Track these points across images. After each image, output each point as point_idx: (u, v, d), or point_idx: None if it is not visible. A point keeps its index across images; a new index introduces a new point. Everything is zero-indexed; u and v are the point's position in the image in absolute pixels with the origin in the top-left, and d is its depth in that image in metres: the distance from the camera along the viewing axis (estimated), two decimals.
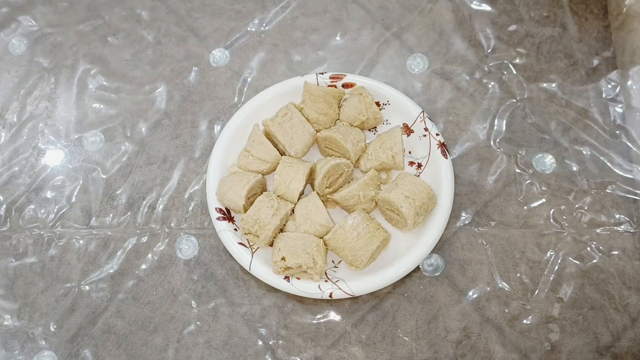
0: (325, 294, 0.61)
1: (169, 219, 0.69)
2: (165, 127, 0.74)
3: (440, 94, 0.73)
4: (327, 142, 0.67)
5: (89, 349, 0.64)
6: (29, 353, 0.64)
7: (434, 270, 0.65)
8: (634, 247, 0.64)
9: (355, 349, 0.62)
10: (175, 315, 0.65)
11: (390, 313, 0.63)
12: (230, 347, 0.63)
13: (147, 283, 0.66)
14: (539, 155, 0.69)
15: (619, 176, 0.67)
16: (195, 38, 0.79)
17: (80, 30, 0.80)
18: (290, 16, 0.79)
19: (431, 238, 0.63)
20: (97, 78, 0.78)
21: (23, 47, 0.80)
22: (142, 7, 0.81)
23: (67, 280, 0.67)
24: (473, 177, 0.68)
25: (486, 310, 0.63)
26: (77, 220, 0.70)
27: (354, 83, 0.70)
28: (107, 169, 0.72)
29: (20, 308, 0.66)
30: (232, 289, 0.65)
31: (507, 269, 0.64)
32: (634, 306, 0.62)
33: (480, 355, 0.61)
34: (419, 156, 0.68)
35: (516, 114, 0.71)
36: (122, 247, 0.68)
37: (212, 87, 0.76)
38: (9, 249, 0.69)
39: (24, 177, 0.73)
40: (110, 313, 0.65)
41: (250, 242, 0.65)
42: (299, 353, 0.62)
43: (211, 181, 0.67)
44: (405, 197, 0.61)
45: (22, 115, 0.76)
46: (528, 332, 0.62)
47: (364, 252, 0.61)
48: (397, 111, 0.70)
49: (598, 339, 0.61)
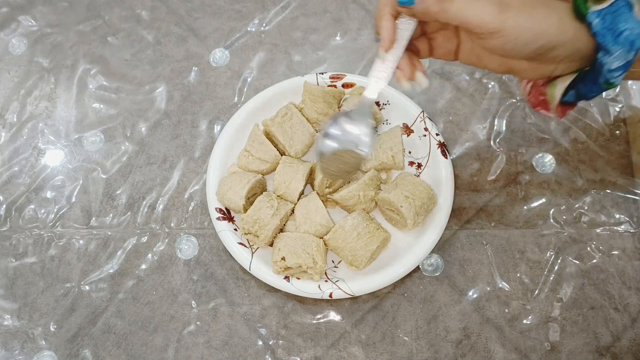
0: (325, 294, 0.61)
1: (169, 219, 0.69)
2: (165, 127, 0.74)
3: (440, 94, 0.73)
4: None
5: (89, 349, 0.64)
6: (29, 353, 0.64)
7: (434, 270, 0.65)
8: (634, 247, 0.64)
9: (355, 349, 0.62)
10: (175, 315, 0.65)
11: (390, 313, 0.63)
12: (230, 347, 0.63)
13: (147, 283, 0.66)
14: (539, 155, 0.69)
15: (619, 176, 0.67)
16: (195, 38, 0.79)
17: (80, 30, 0.80)
18: (290, 16, 0.79)
19: (431, 238, 0.63)
20: (97, 78, 0.78)
21: (23, 47, 0.80)
22: (142, 7, 0.81)
23: (67, 280, 0.67)
24: (473, 177, 0.68)
25: (486, 310, 0.63)
26: (77, 220, 0.70)
27: (354, 83, 0.70)
28: (107, 169, 0.72)
29: (20, 308, 0.66)
30: (232, 289, 0.65)
31: (507, 269, 0.64)
32: (634, 306, 0.62)
33: (480, 355, 0.61)
34: (419, 156, 0.68)
35: (516, 114, 0.71)
36: (122, 247, 0.68)
37: (212, 87, 0.76)
38: (9, 249, 0.69)
39: (24, 177, 0.73)
40: (110, 313, 0.65)
41: (250, 242, 0.65)
42: (299, 353, 0.62)
43: (211, 181, 0.67)
44: (405, 197, 0.61)
45: (22, 115, 0.76)
46: (528, 332, 0.62)
47: (364, 252, 0.61)
48: (397, 111, 0.70)
49: (598, 339, 0.61)
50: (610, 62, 0.44)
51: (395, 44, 0.49)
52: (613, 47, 0.43)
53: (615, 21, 0.43)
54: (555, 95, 0.50)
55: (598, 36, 0.44)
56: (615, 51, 0.43)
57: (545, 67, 0.48)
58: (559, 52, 0.46)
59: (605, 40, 0.43)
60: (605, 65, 0.45)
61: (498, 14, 0.44)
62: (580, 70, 0.48)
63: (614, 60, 0.44)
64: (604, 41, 0.44)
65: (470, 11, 0.44)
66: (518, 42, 0.45)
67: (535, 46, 0.45)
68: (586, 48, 0.46)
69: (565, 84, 0.49)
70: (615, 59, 0.44)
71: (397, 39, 0.49)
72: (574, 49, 0.46)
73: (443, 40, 0.52)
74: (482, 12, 0.44)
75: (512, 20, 0.44)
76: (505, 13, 0.44)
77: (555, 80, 0.50)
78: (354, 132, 0.54)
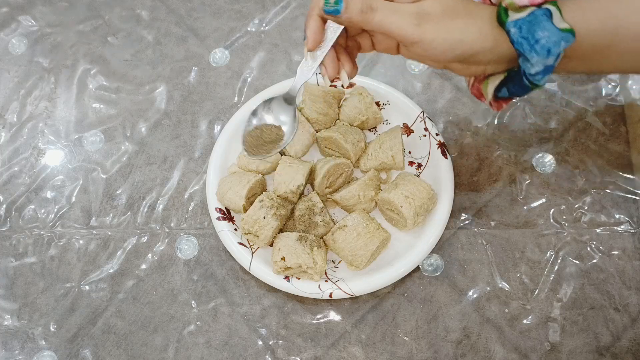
0: (325, 294, 0.61)
1: (169, 219, 0.69)
2: (165, 127, 0.74)
3: (440, 94, 0.73)
4: (327, 142, 0.67)
5: (89, 349, 0.64)
6: (29, 353, 0.64)
7: (434, 270, 0.65)
8: (634, 247, 0.64)
9: (355, 349, 0.62)
10: (175, 315, 0.65)
11: (390, 313, 0.63)
12: (230, 347, 0.63)
13: (147, 283, 0.66)
14: (539, 155, 0.69)
15: (619, 176, 0.67)
16: (195, 38, 0.79)
17: (80, 30, 0.80)
18: (290, 16, 0.79)
19: (431, 238, 0.63)
20: (97, 78, 0.78)
21: (23, 47, 0.80)
22: (142, 7, 0.81)
23: (67, 280, 0.67)
24: (473, 177, 0.69)
25: (486, 310, 0.63)
26: (77, 220, 0.70)
27: (354, 83, 0.70)
28: (107, 169, 0.72)
29: (20, 308, 0.66)
30: (232, 289, 0.65)
31: (507, 269, 0.64)
32: (634, 306, 0.62)
33: (480, 355, 0.61)
34: (419, 156, 0.68)
35: (516, 114, 0.71)
36: (122, 247, 0.68)
37: (212, 87, 0.76)
38: (9, 249, 0.69)
39: (24, 177, 0.73)
40: (110, 313, 0.65)
41: (250, 242, 0.65)
42: (299, 353, 0.62)
43: (211, 181, 0.67)
44: (405, 197, 0.61)
45: (22, 115, 0.76)
46: (528, 332, 0.62)
47: (364, 252, 0.61)
48: (397, 111, 0.70)
49: (598, 339, 0.61)
50: (530, 67, 0.46)
51: (323, 43, 0.52)
52: (530, 54, 0.45)
53: (531, 30, 0.45)
54: (488, 92, 0.52)
55: (515, 44, 0.46)
56: (533, 58, 0.45)
57: (475, 68, 0.50)
58: (480, 58, 0.48)
59: (522, 48, 0.45)
60: (526, 70, 0.47)
61: (416, 26, 0.46)
62: (511, 69, 0.50)
63: (532, 66, 0.46)
64: (522, 49, 0.45)
65: (391, 23, 0.47)
66: (437, 51, 0.47)
67: (453, 54, 0.47)
68: (509, 53, 0.48)
69: (495, 83, 0.51)
70: (533, 65, 0.46)
71: (324, 39, 0.51)
72: (496, 55, 0.48)
73: (383, 37, 0.54)
74: (402, 24, 0.46)
75: (429, 32, 0.46)
76: (423, 25, 0.46)
77: (488, 79, 0.52)
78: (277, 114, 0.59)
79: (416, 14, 0.46)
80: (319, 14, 0.50)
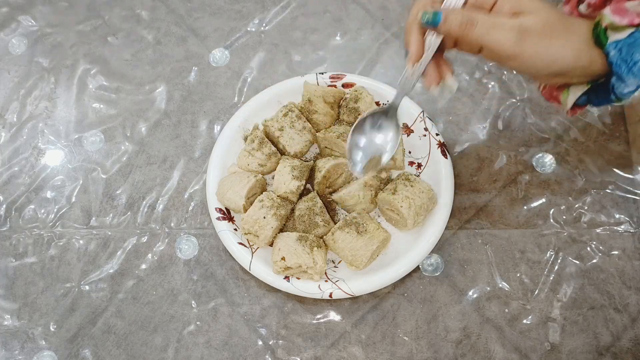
0: (325, 294, 0.61)
1: (169, 219, 0.69)
2: (165, 127, 0.74)
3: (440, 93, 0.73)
4: (327, 142, 0.67)
5: (89, 349, 0.64)
6: (29, 353, 0.64)
7: (434, 270, 0.65)
8: (634, 247, 0.64)
9: (355, 349, 0.62)
10: (175, 315, 0.65)
11: (390, 313, 0.63)
12: (230, 347, 0.63)
13: (147, 283, 0.66)
14: (539, 155, 0.69)
15: (619, 176, 0.67)
16: (195, 38, 0.79)
17: (80, 30, 0.80)
18: (290, 16, 0.79)
19: (431, 238, 0.63)
20: (97, 78, 0.78)
21: (23, 47, 0.80)
22: (142, 7, 0.81)
23: (67, 280, 0.67)
24: (473, 177, 0.68)
25: (486, 310, 0.63)
26: (77, 220, 0.70)
27: (354, 83, 0.70)
28: (107, 169, 0.72)
29: (20, 308, 0.66)
30: (232, 289, 0.65)
31: (507, 269, 0.64)
32: (634, 306, 0.62)
33: (480, 355, 0.61)
34: (419, 156, 0.68)
35: (516, 114, 0.71)
36: (122, 247, 0.68)
37: (212, 87, 0.76)
38: (9, 249, 0.69)
39: (24, 177, 0.73)
40: (110, 313, 0.65)
41: (250, 242, 0.65)
42: (299, 353, 0.62)
43: (211, 181, 0.67)
44: (405, 197, 0.61)
45: (22, 115, 0.76)
46: (528, 332, 0.62)
47: (363, 252, 0.61)
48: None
49: (598, 339, 0.61)
50: (623, 87, 0.46)
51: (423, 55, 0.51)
52: (627, 76, 0.45)
53: (631, 52, 0.45)
54: (568, 102, 0.52)
55: (614, 66, 0.46)
56: (628, 80, 0.46)
57: (560, 79, 0.50)
58: (572, 74, 0.48)
59: (619, 70, 0.45)
60: (617, 89, 0.47)
61: (517, 42, 0.46)
62: (594, 82, 0.50)
63: (626, 86, 0.46)
64: (619, 71, 0.46)
65: (490, 37, 0.46)
66: (533, 67, 0.47)
67: (548, 72, 0.48)
68: (600, 70, 0.48)
69: (578, 94, 0.51)
70: (627, 85, 0.46)
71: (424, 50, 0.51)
72: (588, 73, 0.48)
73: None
74: (502, 39, 0.46)
75: (529, 48, 0.46)
76: (523, 42, 0.46)
77: (569, 88, 0.52)
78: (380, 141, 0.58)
79: (517, 29, 0.46)
80: (419, 27, 0.50)
